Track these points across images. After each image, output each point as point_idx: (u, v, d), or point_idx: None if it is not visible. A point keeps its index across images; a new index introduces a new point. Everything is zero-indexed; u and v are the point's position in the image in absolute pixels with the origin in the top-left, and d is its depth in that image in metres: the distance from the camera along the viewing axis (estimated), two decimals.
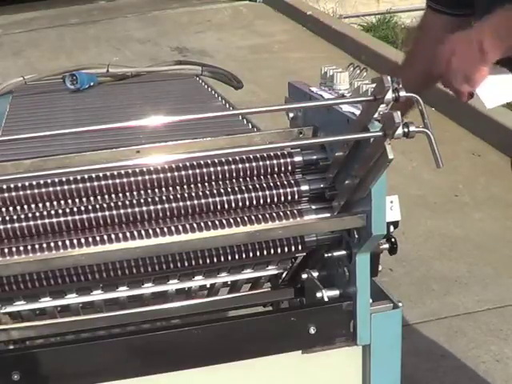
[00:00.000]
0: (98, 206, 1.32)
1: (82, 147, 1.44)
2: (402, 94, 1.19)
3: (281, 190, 1.37)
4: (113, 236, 1.30)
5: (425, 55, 1.75)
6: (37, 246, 1.28)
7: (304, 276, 1.46)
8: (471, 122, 4.48)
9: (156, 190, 1.36)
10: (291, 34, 6.58)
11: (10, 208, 1.32)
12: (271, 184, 1.38)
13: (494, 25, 1.38)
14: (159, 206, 1.33)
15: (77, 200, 1.34)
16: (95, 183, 1.34)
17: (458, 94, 1.43)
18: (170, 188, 1.37)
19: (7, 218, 1.30)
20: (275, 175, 1.39)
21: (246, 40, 6.55)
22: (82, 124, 1.62)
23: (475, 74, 1.38)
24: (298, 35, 6.42)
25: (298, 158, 1.39)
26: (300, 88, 1.51)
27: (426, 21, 1.82)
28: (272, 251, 1.38)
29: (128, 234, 1.30)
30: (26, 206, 1.32)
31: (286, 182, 1.37)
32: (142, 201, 1.33)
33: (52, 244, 1.29)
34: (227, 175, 1.37)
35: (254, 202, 1.36)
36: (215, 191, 1.36)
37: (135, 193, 1.36)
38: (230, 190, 1.36)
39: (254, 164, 1.38)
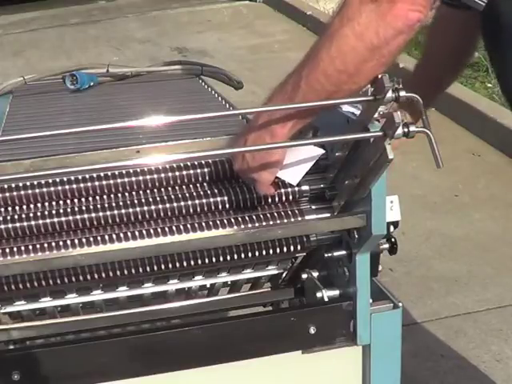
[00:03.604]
0: (97, 206, 1.32)
1: (82, 147, 1.44)
2: (402, 93, 1.19)
3: (281, 190, 1.37)
4: (113, 236, 1.30)
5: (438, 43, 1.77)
6: (37, 246, 1.28)
7: (304, 276, 1.46)
8: (471, 122, 4.47)
9: (156, 190, 1.36)
10: (291, 34, 6.57)
11: (10, 208, 1.32)
12: None
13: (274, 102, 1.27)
14: (159, 206, 1.33)
15: (77, 200, 1.34)
16: (95, 183, 1.34)
17: (262, 186, 1.31)
18: (170, 188, 1.37)
19: (7, 217, 1.30)
20: None
21: (246, 40, 6.55)
22: (82, 124, 1.62)
23: (272, 159, 1.28)
24: (298, 35, 6.40)
25: None
26: None
27: (439, 15, 1.79)
28: (272, 251, 1.38)
29: (128, 234, 1.30)
30: (25, 206, 1.32)
31: (285, 182, 1.37)
32: (142, 201, 1.33)
33: (52, 244, 1.29)
34: (227, 175, 1.37)
35: (254, 202, 1.36)
36: (215, 191, 1.36)
37: (135, 193, 1.36)
38: (229, 189, 1.36)
39: None
